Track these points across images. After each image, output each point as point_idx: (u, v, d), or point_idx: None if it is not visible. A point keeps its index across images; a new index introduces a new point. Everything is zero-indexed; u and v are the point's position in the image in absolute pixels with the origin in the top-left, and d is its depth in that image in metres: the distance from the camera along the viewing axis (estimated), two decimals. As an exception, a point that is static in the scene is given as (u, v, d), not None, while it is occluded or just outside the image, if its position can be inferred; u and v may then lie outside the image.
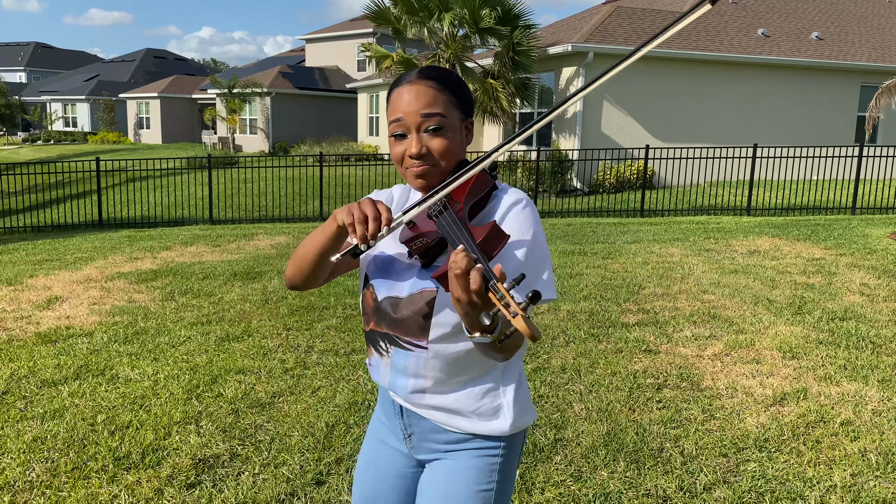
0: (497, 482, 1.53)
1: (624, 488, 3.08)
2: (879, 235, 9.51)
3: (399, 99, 1.46)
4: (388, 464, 1.67)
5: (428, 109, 1.43)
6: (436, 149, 1.44)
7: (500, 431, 1.52)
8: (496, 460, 1.54)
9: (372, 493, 1.69)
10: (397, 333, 1.49)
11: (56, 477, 3.18)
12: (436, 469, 1.58)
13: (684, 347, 4.92)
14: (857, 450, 3.41)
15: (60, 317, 5.89)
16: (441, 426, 1.55)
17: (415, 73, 1.48)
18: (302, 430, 3.63)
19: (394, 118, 1.46)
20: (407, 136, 1.46)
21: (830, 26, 19.25)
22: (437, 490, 1.54)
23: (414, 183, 1.49)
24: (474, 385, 1.52)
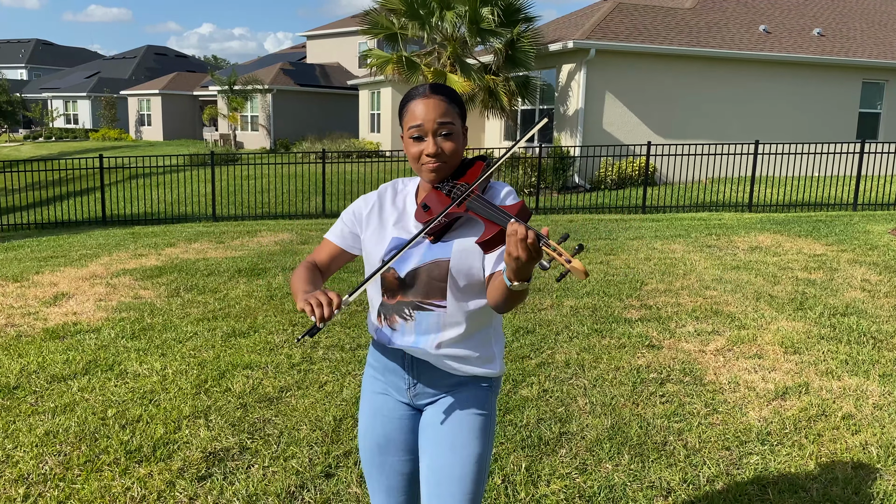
0: (490, 409, 1.95)
1: (628, 481, 3.13)
2: (881, 231, 9.55)
3: (417, 109, 1.83)
4: (392, 411, 1.99)
5: (442, 119, 1.82)
6: (447, 149, 1.83)
7: (494, 374, 1.96)
8: (487, 394, 1.95)
9: (383, 437, 1.99)
10: (420, 299, 1.85)
11: (69, 470, 3.23)
12: (441, 403, 1.94)
13: (687, 343, 4.97)
14: (859, 443, 3.46)
15: (67, 313, 5.93)
16: (449, 371, 1.91)
17: (427, 89, 1.86)
18: (310, 424, 3.68)
19: (414, 124, 1.82)
20: (424, 139, 1.82)
21: (832, 23, 19.26)
22: (446, 416, 1.92)
23: (427, 176, 1.85)
24: (478, 336, 1.91)
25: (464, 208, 1.77)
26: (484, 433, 1.91)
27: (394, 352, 1.95)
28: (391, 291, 1.88)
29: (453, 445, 1.88)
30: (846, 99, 17.64)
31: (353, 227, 1.96)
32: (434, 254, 1.84)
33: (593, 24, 16.19)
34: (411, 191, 1.97)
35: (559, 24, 19.35)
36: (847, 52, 17.65)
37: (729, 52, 16.19)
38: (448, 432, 1.89)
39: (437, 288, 1.84)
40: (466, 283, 1.84)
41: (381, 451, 2.00)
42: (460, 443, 1.88)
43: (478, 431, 1.90)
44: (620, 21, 16.53)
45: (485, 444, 1.91)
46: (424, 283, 1.84)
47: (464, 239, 1.84)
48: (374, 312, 1.94)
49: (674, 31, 16.68)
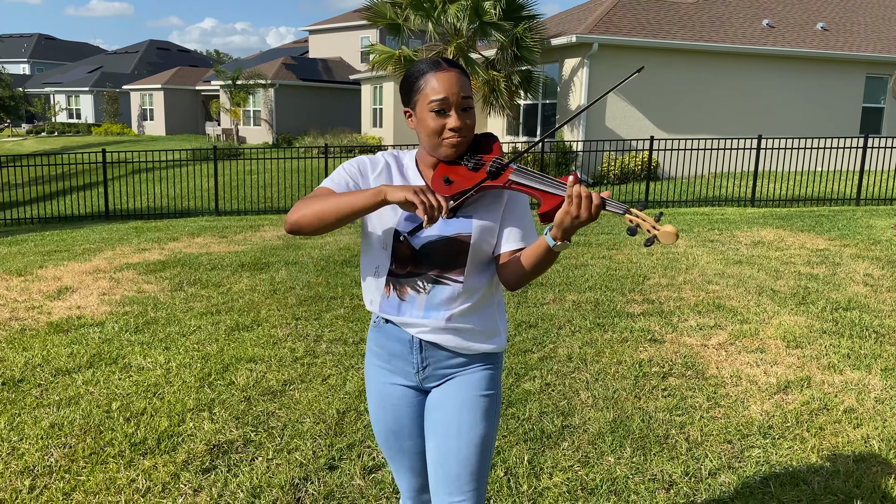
0: (495, 389, 1.97)
1: (630, 473, 3.14)
2: (884, 226, 9.54)
3: (439, 82, 1.78)
4: (401, 399, 1.99)
5: (465, 93, 1.80)
6: (469, 125, 1.82)
7: (500, 347, 1.97)
8: (492, 373, 1.97)
9: (395, 424, 2.01)
10: (437, 272, 1.85)
11: (74, 462, 3.25)
12: (447, 386, 1.95)
13: (689, 337, 4.98)
14: (860, 437, 3.47)
15: (71, 307, 5.96)
16: (455, 351, 1.92)
17: (445, 63, 1.81)
18: (313, 417, 3.70)
19: (437, 97, 1.77)
20: (447, 113, 1.78)
21: (836, 17, 19.20)
22: (452, 398, 1.93)
23: (447, 151, 1.82)
24: (485, 309, 1.94)
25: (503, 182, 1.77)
26: (489, 414, 1.94)
27: (399, 336, 1.93)
28: (402, 262, 1.86)
29: (460, 429, 1.90)
30: (849, 93, 17.59)
31: (356, 179, 1.87)
32: (453, 228, 1.83)
33: (596, 18, 16.16)
34: (410, 165, 1.93)
35: (562, 19, 19.31)
36: (851, 46, 17.59)
37: (732, 46, 16.15)
38: (454, 416, 1.91)
39: (457, 262, 1.84)
40: (483, 258, 1.87)
41: (397, 437, 2.02)
42: (466, 426, 1.90)
43: (483, 412, 1.93)
44: (623, 15, 16.49)
45: (490, 425, 1.94)
46: (441, 256, 1.84)
47: (484, 213, 1.85)
48: (379, 282, 1.90)
49: (677, 26, 16.64)
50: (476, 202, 1.84)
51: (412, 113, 1.84)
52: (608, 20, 16.10)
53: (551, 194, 1.68)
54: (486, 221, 1.85)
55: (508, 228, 1.87)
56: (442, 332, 1.89)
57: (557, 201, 1.65)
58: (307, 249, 8.46)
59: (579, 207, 1.60)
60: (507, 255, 1.86)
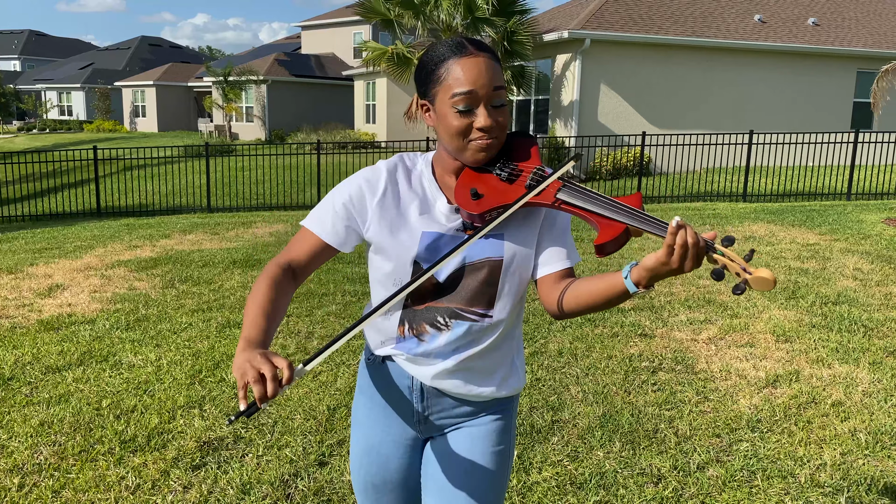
0: (508, 441, 1.69)
1: (619, 468, 3.16)
2: (874, 221, 9.59)
3: (464, 71, 1.43)
4: (392, 447, 1.69)
5: (497, 83, 1.44)
6: (502, 123, 1.46)
7: (516, 389, 1.68)
8: (505, 422, 1.68)
9: (380, 478, 1.71)
10: (461, 306, 1.53)
11: (64, 459, 3.25)
12: (452, 439, 1.66)
13: (679, 331, 5.00)
14: (848, 430, 3.49)
15: (62, 304, 5.94)
16: (463, 399, 1.63)
17: (471, 45, 1.45)
18: (304, 414, 3.70)
19: (461, 90, 1.42)
20: (474, 109, 1.43)
21: (827, 12, 19.25)
22: (457, 458, 1.64)
23: (476, 156, 1.47)
24: (504, 345, 1.63)
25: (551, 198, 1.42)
26: (501, 472, 1.67)
27: (399, 380, 1.64)
28: (419, 297, 1.54)
29: (469, 494, 1.62)
30: (841, 88, 17.65)
31: (350, 218, 1.53)
32: (483, 251, 1.50)
33: (588, 13, 16.17)
34: (425, 171, 1.57)
35: (554, 14, 19.31)
36: (842, 41, 17.65)
37: (724, 41, 16.18)
38: (460, 479, 1.63)
39: (485, 293, 1.52)
40: (516, 287, 1.55)
41: (376, 491, 1.73)
42: (475, 491, 1.63)
43: (494, 473, 1.65)
44: (616, 11, 16.50)
45: (501, 484, 1.67)
46: (469, 286, 1.52)
47: (517, 232, 1.52)
48: (392, 321, 1.58)
49: (669, 21, 16.66)
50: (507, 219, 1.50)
51: (430, 107, 1.49)
52: (600, 16, 16.11)
53: (612, 220, 1.35)
54: (520, 242, 1.53)
55: (549, 248, 1.55)
56: (449, 377, 1.59)
57: (620, 230, 1.33)
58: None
59: (683, 259, 1.26)
60: (550, 280, 1.53)
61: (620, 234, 1.33)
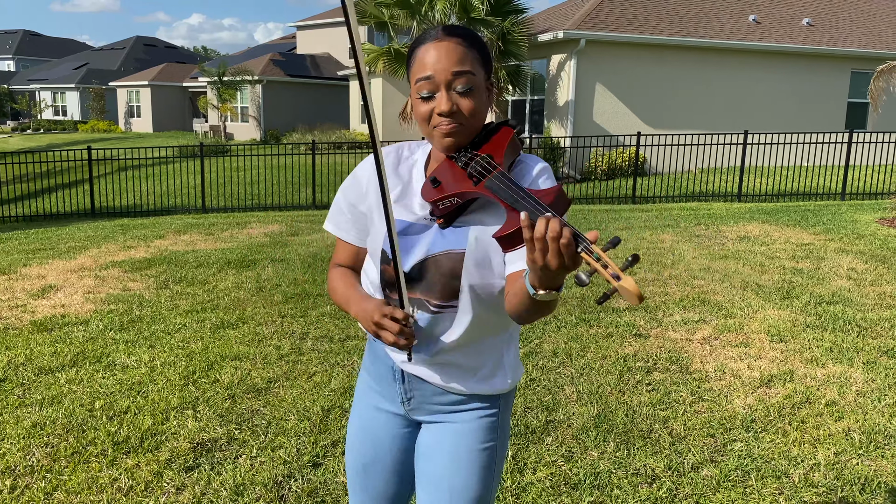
0: (499, 436, 1.65)
1: (613, 468, 3.15)
2: (868, 221, 9.61)
3: (427, 56, 1.45)
4: (384, 428, 1.72)
5: (458, 67, 1.43)
6: (465, 108, 1.45)
7: (500, 390, 1.62)
8: (495, 419, 1.64)
9: (371, 458, 1.73)
10: (427, 297, 1.52)
11: (56, 461, 3.23)
12: (439, 433, 1.65)
13: (674, 331, 5.00)
14: (841, 429, 3.50)
15: (55, 305, 5.92)
16: (442, 388, 1.61)
17: (441, 30, 1.47)
18: (298, 415, 3.69)
19: (422, 76, 1.44)
20: (435, 94, 1.45)
21: (821, 12, 19.30)
22: (443, 453, 1.63)
23: (441, 142, 1.48)
24: (485, 344, 1.59)
25: (481, 187, 1.39)
26: (488, 470, 1.63)
27: (385, 360, 1.68)
28: (391, 286, 1.56)
29: (452, 490, 1.61)
30: (835, 89, 17.69)
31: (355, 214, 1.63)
32: (446, 242, 1.50)
33: (583, 13, 16.18)
34: (420, 159, 1.60)
35: (549, 14, 19.32)
36: (836, 42, 17.69)
37: (718, 41, 16.21)
38: (447, 474, 1.62)
39: (449, 286, 1.50)
40: (484, 280, 1.50)
41: (366, 473, 1.75)
42: (461, 486, 1.61)
43: (481, 470, 1.62)
44: (611, 11, 16.51)
45: (489, 482, 1.64)
46: (433, 278, 1.51)
47: (483, 225, 1.49)
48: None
49: (664, 21, 16.68)
50: (482, 208, 1.48)
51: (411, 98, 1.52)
52: (595, 16, 16.12)
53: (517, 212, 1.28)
54: (484, 234, 1.48)
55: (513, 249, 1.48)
56: (425, 366, 1.60)
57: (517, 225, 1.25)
58: (294, 247, 8.44)
59: (544, 254, 1.15)
60: (512, 278, 1.44)
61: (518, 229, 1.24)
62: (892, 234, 8.54)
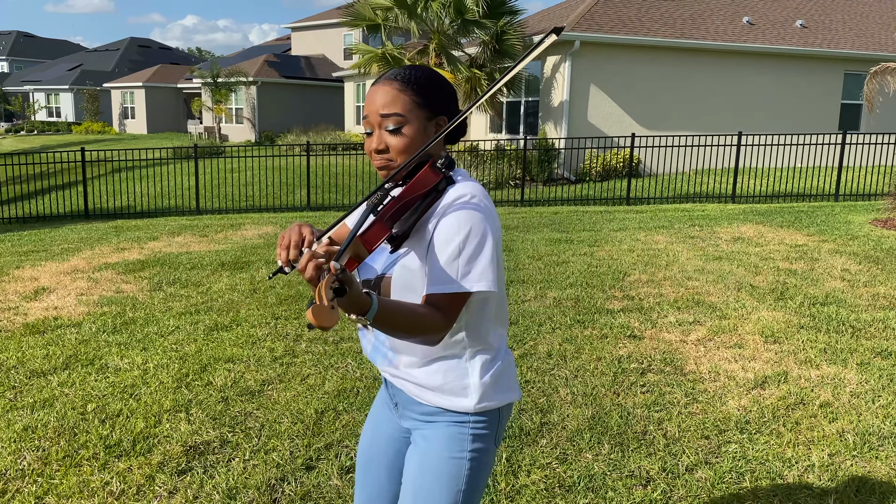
0: (470, 451, 1.62)
1: (608, 470, 3.15)
2: (861, 222, 9.64)
3: (368, 97, 1.62)
4: (385, 425, 1.83)
5: (386, 110, 1.57)
6: (393, 146, 1.57)
7: (465, 409, 1.62)
8: (466, 430, 1.63)
9: (372, 451, 1.85)
10: None
11: (47, 465, 3.21)
12: (415, 439, 1.71)
13: (668, 333, 5.00)
14: (835, 430, 3.50)
15: (48, 307, 5.89)
16: (414, 398, 1.68)
17: (385, 74, 1.62)
18: (291, 417, 3.68)
19: (363, 115, 1.63)
20: (372, 133, 1.61)
21: (815, 14, 19.36)
22: (412, 458, 1.69)
23: (380, 174, 1.62)
24: (440, 362, 1.62)
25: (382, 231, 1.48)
26: (453, 481, 1.61)
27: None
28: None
29: (415, 496, 1.63)
30: (828, 90, 17.74)
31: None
32: (381, 266, 1.62)
33: (578, 15, 16.20)
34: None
35: (544, 16, 19.34)
36: (829, 43, 17.75)
37: (713, 43, 16.24)
38: (411, 477, 1.66)
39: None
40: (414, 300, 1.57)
41: (366, 468, 1.85)
42: (421, 493, 1.63)
43: (445, 480, 1.61)
44: (605, 13, 16.53)
45: (453, 495, 1.61)
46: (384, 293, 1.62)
47: (409, 253, 1.56)
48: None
49: (658, 23, 16.71)
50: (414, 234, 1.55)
51: None
52: (590, 17, 16.14)
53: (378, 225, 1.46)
54: (409, 259, 1.56)
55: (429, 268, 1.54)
56: (395, 377, 1.69)
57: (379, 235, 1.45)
58: (288, 248, 8.41)
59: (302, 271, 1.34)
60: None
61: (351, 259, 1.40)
62: (885, 235, 8.56)
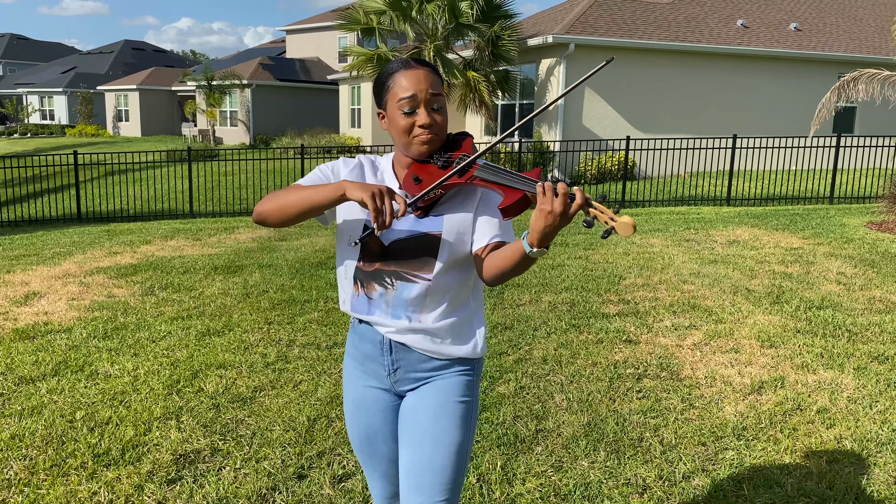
0: (472, 396, 1.91)
1: (604, 478, 3.11)
2: (856, 225, 9.63)
3: (407, 80, 1.78)
4: (375, 402, 1.95)
5: (434, 90, 1.79)
6: (439, 122, 1.80)
7: (475, 354, 1.89)
8: (470, 378, 1.91)
9: (369, 428, 1.97)
10: (405, 269, 1.82)
11: (34, 475, 3.15)
12: (422, 391, 1.89)
13: (664, 337, 4.96)
14: (833, 437, 3.46)
15: (38, 312, 5.82)
16: (427, 355, 1.86)
17: (413, 62, 1.81)
18: (283, 425, 3.63)
19: (405, 95, 1.77)
20: (416, 110, 1.77)
21: (809, 17, 19.40)
22: (426, 407, 1.87)
23: (419, 149, 1.80)
24: (457, 314, 1.87)
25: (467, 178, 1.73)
26: (465, 421, 1.88)
27: (371, 337, 1.90)
28: (370, 258, 1.84)
29: (434, 437, 1.84)
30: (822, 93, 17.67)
31: (329, 178, 1.87)
32: (424, 226, 1.81)
33: (573, 18, 16.19)
34: (387, 168, 1.92)
35: (539, 19, 19.33)
36: (823, 46, 17.78)
37: (707, 46, 16.25)
38: (429, 423, 1.85)
39: (425, 261, 1.81)
40: (455, 257, 1.82)
41: (371, 442, 1.98)
42: (441, 434, 1.84)
43: (459, 420, 1.87)
44: (600, 16, 16.53)
45: (466, 433, 1.88)
46: (411, 253, 1.81)
47: (455, 213, 1.81)
48: (349, 280, 1.88)
49: (652, 26, 16.71)
50: (449, 200, 1.82)
51: (384, 114, 1.84)
52: (584, 20, 16.13)
53: (513, 189, 1.64)
54: (457, 220, 1.81)
55: (483, 224, 1.81)
56: (410, 333, 1.85)
57: (518, 196, 1.61)
58: (282, 252, 8.36)
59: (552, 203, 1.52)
60: (482, 251, 1.79)
61: (519, 199, 1.61)
62: (880, 238, 8.55)
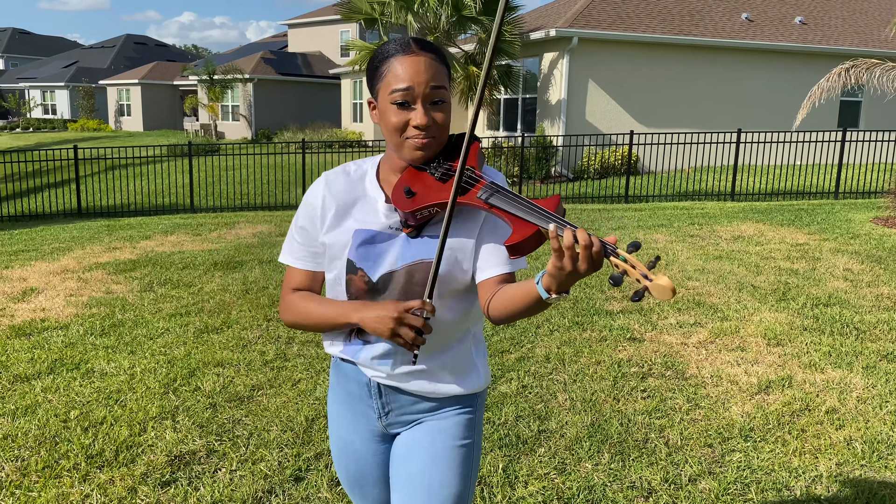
0: (473, 436, 1.68)
1: (608, 481, 3.03)
2: (862, 220, 9.53)
3: (403, 68, 1.47)
4: (364, 443, 1.73)
5: (436, 82, 1.47)
6: (440, 121, 1.49)
7: (478, 387, 1.67)
8: (469, 417, 1.68)
9: (359, 473, 1.77)
10: None
11: (26, 476, 3.09)
12: (416, 432, 1.67)
13: (669, 335, 4.88)
14: (843, 438, 3.39)
15: (35, 309, 5.76)
16: (422, 395, 1.65)
17: (414, 45, 1.49)
18: (281, 425, 3.56)
19: (399, 87, 1.46)
20: (412, 106, 1.47)
21: (814, 11, 19.24)
22: (421, 451, 1.64)
23: (412, 154, 1.50)
24: (458, 346, 1.64)
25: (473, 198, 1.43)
26: (466, 467, 1.65)
27: (356, 377, 1.67)
28: (357, 297, 1.58)
29: (430, 486, 1.61)
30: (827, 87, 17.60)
31: (311, 243, 1.63)
32: (415, 253, 1.52)
33: (576, 11, 16.06)
34: (370, 171, 1.62)
35: (542, 12, 19.20)
36: (828, 40, 17.63)
37: (711, 40, 16.12)
38: (423, 470, 1.63)
39: (417, 294, 1.53)
40: (453, 287, 1.55)
41: (360, 486, 1.79)
42: (437, 486, 1.62)
43: (458, 467, 1.64)
44: (603, 9, 16.40)
45: (466, 480, 1.65)
46: (402, 287, 1.53)
47: (455, 232, 1.51)
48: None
49: (656, 20, 16.58)
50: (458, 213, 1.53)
51: (375, 104, 1.54)
52: (587, 14, 16.01)
53: (525, 222, 1.35)
54: (455, 244, 1.52)
55: (488, 250, 1.51)
56: (402, 376, 1.62)
57: (530, 231, 1.33)
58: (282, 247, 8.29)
59: (574, 261, 1.24)
60: (490, 283, 1.51)
61: (531, 236, 1.33)
62: (887, 234, 8.46)
